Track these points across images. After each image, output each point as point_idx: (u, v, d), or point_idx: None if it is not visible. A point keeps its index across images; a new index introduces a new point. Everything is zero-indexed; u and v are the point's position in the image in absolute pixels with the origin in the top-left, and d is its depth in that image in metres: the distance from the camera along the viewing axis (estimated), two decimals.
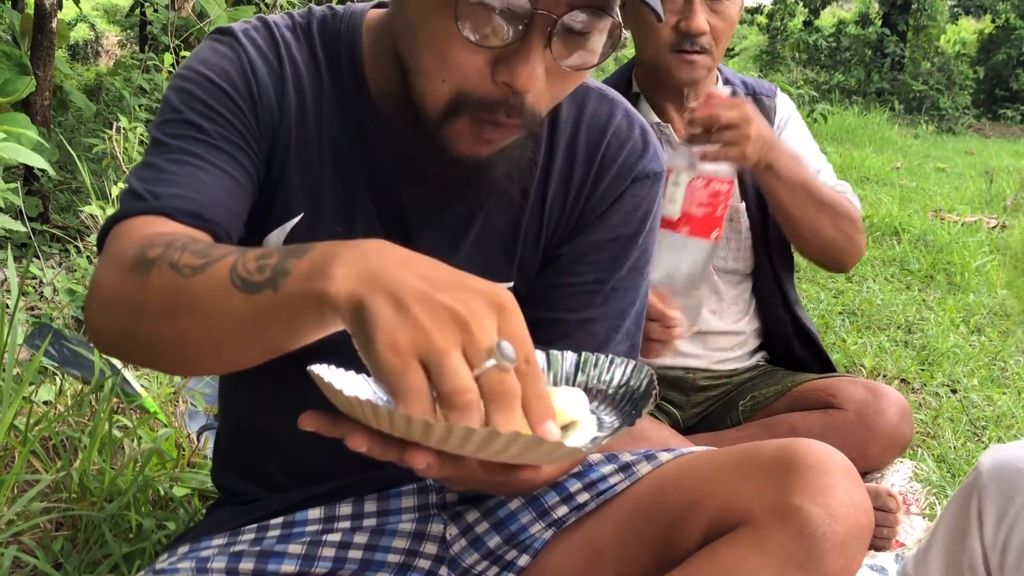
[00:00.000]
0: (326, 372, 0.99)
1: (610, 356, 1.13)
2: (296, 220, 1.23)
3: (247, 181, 1.17)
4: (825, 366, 2.50)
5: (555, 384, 1.15)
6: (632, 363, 1.11)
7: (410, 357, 0.78)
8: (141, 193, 1.09)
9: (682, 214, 2.06)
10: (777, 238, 2.37)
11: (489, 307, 0.81)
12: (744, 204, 2.35)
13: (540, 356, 1.16)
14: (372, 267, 0.82)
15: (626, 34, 1.09)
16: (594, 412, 1.07)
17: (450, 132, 1.08)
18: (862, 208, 5.85)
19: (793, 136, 2.39)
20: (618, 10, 1.05)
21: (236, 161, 1.15)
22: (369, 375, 1.07)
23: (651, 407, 0.99)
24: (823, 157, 2.44)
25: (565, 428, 1.01)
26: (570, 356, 1.16)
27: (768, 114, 2.38)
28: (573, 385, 1.13)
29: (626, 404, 1.06)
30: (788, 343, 2.47)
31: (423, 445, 0.86)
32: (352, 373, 1.06)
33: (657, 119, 2.30)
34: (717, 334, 2.42)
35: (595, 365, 1.14)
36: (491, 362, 0.80)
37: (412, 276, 0.81)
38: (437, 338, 0.77)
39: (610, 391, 1.11)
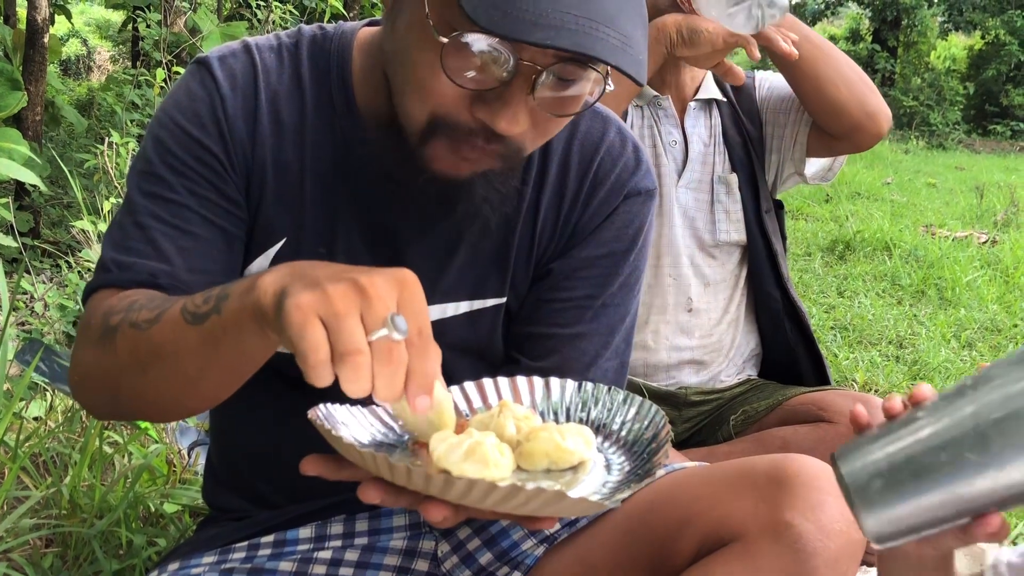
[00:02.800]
0: (328, 417, 0.99)
1: (613, 390, 1.14)
2: (279, 245, 1.24)
3: (212, 233, 1.20)
4: (816, 361, 2.50)
5: (556, 416, 1.15)
6: (639, 402, 1.12)
7: (311, 315, 0.83)
8: (108, 264, 1.17)
9: None
10: (770, 212, 2.39)
11: (390, 282, 0.87)
12: (736, 176, 2.36)
13: (539, 386, 1.16)
14: (294, 269, 0.90)
15: None
16: (601, 450, 1.07)
17: (429, 152, 1.09)
18: (854, 224, 5.82)
19: (776, 80, 2.43)
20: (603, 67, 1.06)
21: (200, 217, 1.19)
22: (364, 405, 1.08)
23: (666, 458, 0.99)
24: None
25: (574, 468, 1.01)
26: (570, 385, 1.16)
27: (748, 91, 2.43)
28: (576, 419, 1.13)
29: (635, 446, 1.06)
30: (778, 322, 2.47)
31: (440, 498, 0.87)
32: (347, 407, 1.06)
33: (655, 92, 2.33)
34: (705, 312, 2.41)
35: (598, 400, 1.14)
36: (384, 331, 0.83)
37: (327, 268, 0.89)
38: (337, 301, 0.83)
39: (615, 428, 1.11)
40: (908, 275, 5.14)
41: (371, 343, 0.83)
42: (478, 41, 1.01)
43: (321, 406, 1.01)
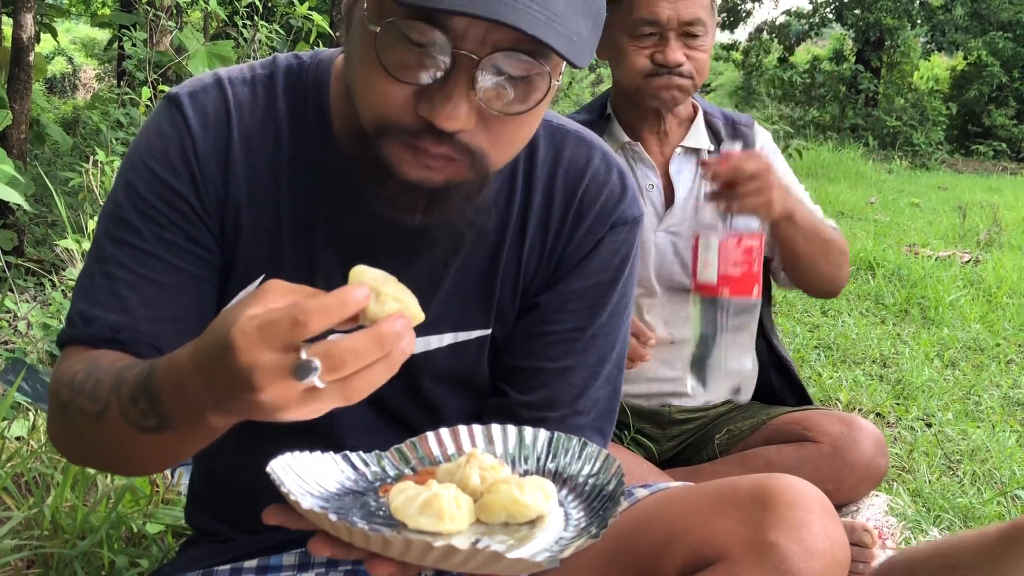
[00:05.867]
0: (285, 469, 1.01)
1: (583, 441, 1.14)
2: (257, 283, 1.23)
3: (180, 280, 1.19)
4: (801, 398, 2.50)
5: (526, 464, 1.15)
6: (603, 456, 1.11)
7: (299, 412, 0.85)
8: (74, 318, 1.18)
9: (720, 276, 2.09)
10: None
11: (270, 363, 0.83)
12: (722, 224, 2.36)
13: (513, 433, 1.16)
14: (219, 391, 0.87)
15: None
16: (562, 504, 1.07)
17: (387, 155, 1.07)
18: None
19: (771, 156, 2.42)
20: (552, 62, 1.04)
21: (168, 264, 1.18)
22: (337, 451, 1.11)
23: (617, 516, 0.99)
24: (802, 186, 2.47)
25: (532, 523, 1.01)
26: (543, 435, 1.16)
27: (745, 140, 2.42)
28: (544, 469, 1.14)
29: (595, 500, 1.06)
30: (764, 372, 2.48)
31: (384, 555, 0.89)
32: (318, 454, 1.08)
33: (628, 139, 2.32)
34: (687, 344, 2.40)
35: (567, 450, 1.14)
36: (309, 377, 0.82)
37: (229, 376, 0.84)
38: (284, 398, 0.84)
39: (580, 480, 1.11)
40: (892, 294, 5.16)
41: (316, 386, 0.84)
42: (408, 27, 0.99)
43: (283, 457, 1.02)
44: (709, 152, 2.37)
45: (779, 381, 2.49)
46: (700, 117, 2.39)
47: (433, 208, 1.10)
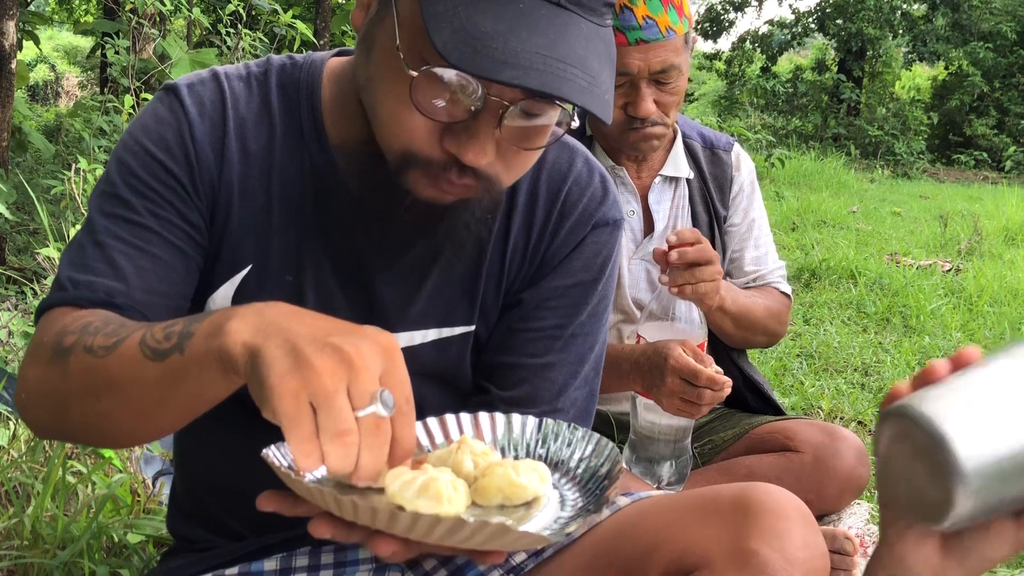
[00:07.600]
0: (281, 455, 1.00)
1: (572, 426, 1.15)
2: (245, 272, 1.24)
3: (173, 255, 1.19)
4: (778, 413, 2.50)
5: (516, 452, 1.15)
6: (596, 439, 1.12)
7: (302, 401, 0.83)
8: (64, 282, 1.16)
9: None
10: None
11: (375, 349, 0.87)
12: None
13: (501, 421, 1.17)
14: (265, 319, 0.89)
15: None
16: (556, 486, 1.08)
17: (409, 181, 1.11)
18: (820, 252, 5.81)
19: (748, 208, 2.43)
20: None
21: (162, 238, 1.18)
22: None
23: (617, 493, 0.99)
24: (770, 236, 2.48)
25: (528, 504, 1.01)
26: (531, 422, 1.17)
27: (724, 167, 2.40)
28: (535, 455, 1.14)
29: (590, 482, 1.07)
30: (742, 398, 2.48)
31: (388, 532, 0.87)
32: None
33: (612, 162, 2.31)
34: None
35: (557, 435, 1.15)
36: (372, 408, 0.84)
37: (303, 325, 0.88)
38: (325, 379, 0.83)
39: (572, 464, 1.12)
40: (873, 303, 5.19)
41: (357, 418, 0.85)
42: (448, 75, 1.02)
43: (273, 446, 1.01)
44: (688, 180, 2.35)
45: (756, 401, 2.50)
46: (679, 142, 2.37)
47: (441, 219, 1.15)
